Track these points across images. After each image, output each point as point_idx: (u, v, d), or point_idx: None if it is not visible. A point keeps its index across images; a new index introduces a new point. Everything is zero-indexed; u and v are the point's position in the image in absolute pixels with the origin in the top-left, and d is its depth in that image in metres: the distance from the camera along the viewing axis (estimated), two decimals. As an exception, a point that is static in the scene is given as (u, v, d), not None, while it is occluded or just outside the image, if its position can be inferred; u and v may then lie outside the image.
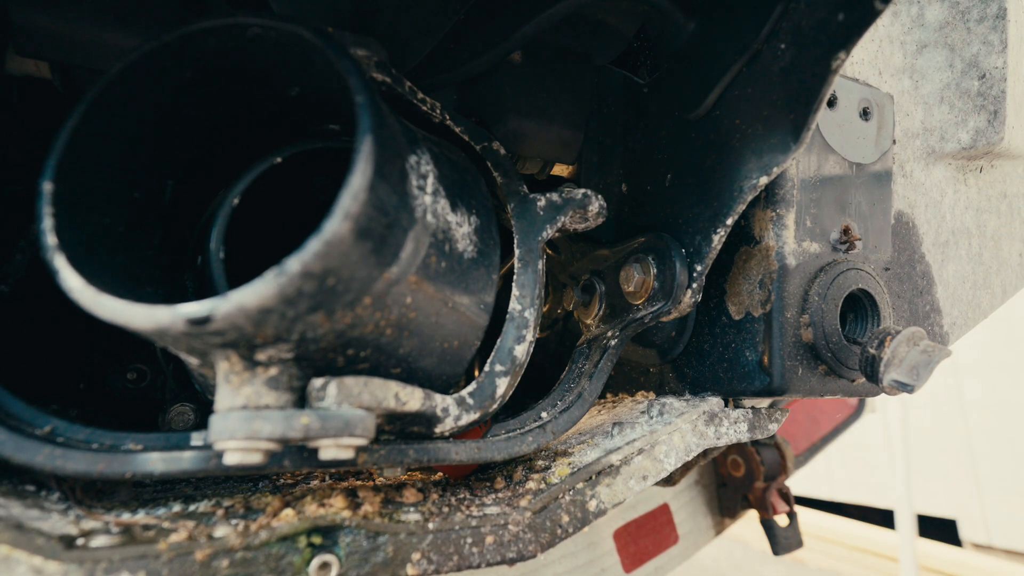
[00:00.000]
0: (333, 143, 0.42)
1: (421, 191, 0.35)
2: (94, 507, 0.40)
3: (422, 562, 0.42)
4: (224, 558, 0.37)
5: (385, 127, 0.30)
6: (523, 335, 0.43)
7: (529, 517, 0.47)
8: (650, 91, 0.57)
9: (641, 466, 0.55)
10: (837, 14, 0.38)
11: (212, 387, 0.39)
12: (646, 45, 0.65)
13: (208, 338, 0.28)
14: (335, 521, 0.41)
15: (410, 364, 0.38)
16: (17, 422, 0.36)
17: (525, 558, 0.45)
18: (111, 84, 0.32)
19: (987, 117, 0.66)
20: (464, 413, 0.41)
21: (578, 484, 0.52)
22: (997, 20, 0.65)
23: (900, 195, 0.62)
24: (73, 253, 0.29)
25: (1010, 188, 0.76)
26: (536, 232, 0.46)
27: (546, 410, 0.51)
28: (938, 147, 0.65)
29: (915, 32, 0.65)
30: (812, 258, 0.53)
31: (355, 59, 0.31)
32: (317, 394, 0.32)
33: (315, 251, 0.26)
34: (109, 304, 0.27)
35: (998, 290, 0.74)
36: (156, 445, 0.37)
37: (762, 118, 0.46)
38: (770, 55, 0.43)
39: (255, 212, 0.44)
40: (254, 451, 0.30)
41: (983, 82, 0.66)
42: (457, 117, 0.47)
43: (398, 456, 0.40)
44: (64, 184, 0.30)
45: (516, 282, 0.44)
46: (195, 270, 0.40)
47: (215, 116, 0.39)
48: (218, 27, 0.32)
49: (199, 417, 0.48)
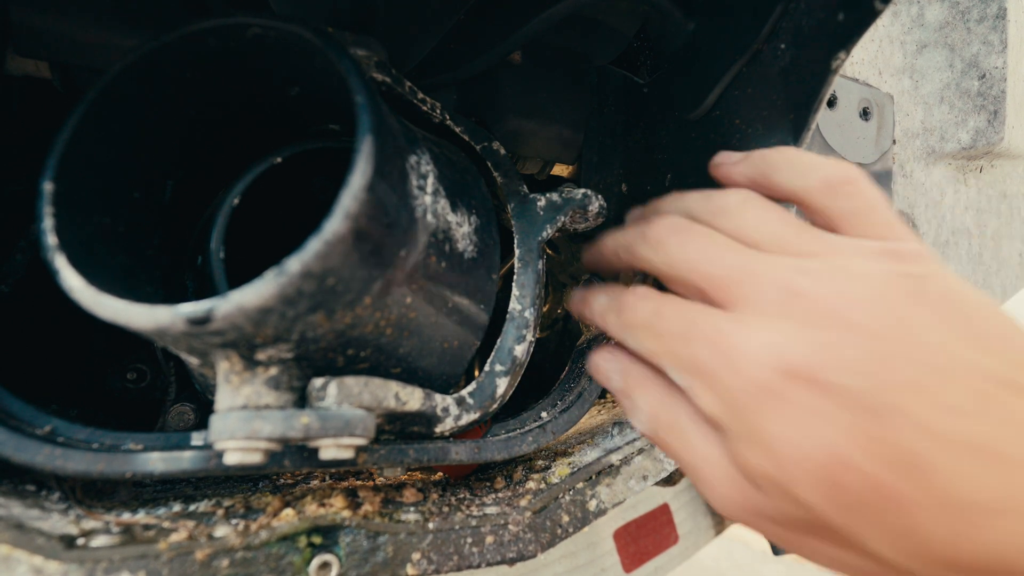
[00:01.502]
0: (333, 143, 0.42)
1: (421, 191, 0.35)
2: (94, 507, 0.40)
3: (422, 562, 0.42)
4: (224, 558, 0.37)
5: (385, 127, 0.30)
6: (523, 335, 0.43)
7: (529, 517, 0.47)
8: (650, 91, 0.57)
9: (641, 466, 0.55)
10: (837, 14, 0.38)
11: (212, 387, 0.39)
12: (646, 45, 0.65)
13: (208, 338, 0.28)
14: (335, 521, 0.41)
15: (410, 364, 0.38)
16: (17, 422, 0.36)
17: (525, 558, 0.45)
18: (111, 84, 0.32)
19: (987, 117, 0.66)
20: (464, 413, 0.41)
21: (578, 484, 0.52)
22: (997, 20, 0.65)
23: (900, 195, 0.62)
24: (73, 253, 0.29)
25: (1010, 188, 0.76)
26: (536, 232, 0.46)
27: (546, 410, 0.51)
28: (938, 147, 0.66)
29: (915, 32, 0.65)
30: (812, 258, 0.53)
31: (355, 59, 0.31)
32: (317, 394, 0.32)
33: (315, 251, 0.26)
34: (110, 304, 0.27)
35: (998, 290, 0.74)
36: (156, 445, 0.37)
37: (762, 118, 0.46)
38: (770, 55, 0.43)
39: (255, 212, 0.44)
40: (254, 451, 0.30)
41: (983, 82, 0.66)
42: (457, 117, 0.47)
43: (398, 456, 0.40)
44: (65, 184, 0.30)
45: (516, 282, 0.44)
46: (195, 270, 0.41)
47: (215, 116, 0.39)
48: (218, 27, 0.32)
49: (199, 417, 0.48)
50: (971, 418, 0.26)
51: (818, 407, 0.28)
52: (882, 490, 0.27)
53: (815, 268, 0.30)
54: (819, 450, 0.27)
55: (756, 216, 0.33)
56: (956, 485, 0.25)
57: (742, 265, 0.31)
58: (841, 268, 0.30)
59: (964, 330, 0.28)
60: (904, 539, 0.27)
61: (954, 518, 0.26)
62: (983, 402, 0.26)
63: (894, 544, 0.27)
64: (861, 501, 0.27)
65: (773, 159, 0.36)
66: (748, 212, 0.34)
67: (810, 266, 0.30)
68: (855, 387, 0.27)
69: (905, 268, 0.30)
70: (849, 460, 0.27)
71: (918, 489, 0.26)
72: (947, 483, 0.26)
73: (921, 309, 0.29)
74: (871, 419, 0.27)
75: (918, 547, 0.27)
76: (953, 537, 0.26)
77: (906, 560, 0.27)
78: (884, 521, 0.27)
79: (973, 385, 0.27)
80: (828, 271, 0.30)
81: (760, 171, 0.37)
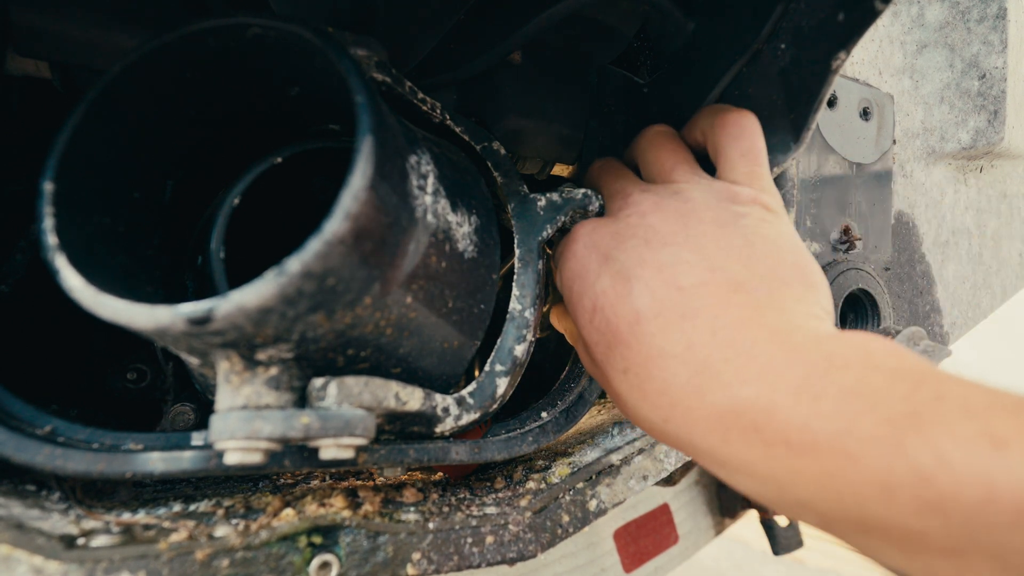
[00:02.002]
0: (333, 143, 0.42)
1: (421, 191, 0.35)
2: (94, 507, 0.40)
3: (422, 562, 0.42)
4: (224, 558, 0.37)
5: (385, 127, 0.30)
6: (523, 335, 0.43)
7: (529, 517, 0.47)
8: (650, 91, 0.57)
9: (641, 466, 0.55)
10: (837, 14, 0.38)
11: (212, 387, 0.39)
12: (646, 45, 0.65)
13: (208, 338, 0.28)
14: (335, 521, 0.41)
15: (410, 364, 0.38)
16: (18, 422, 0.36)
17: (525, 558, 0.45)
18: (112, 84, 0.32)
19: (987, 117, 0.66)
20: (464, 413, 0.41)
21: (578, 484, 0.52)
22: (997, 20, 0.65)
23: (900, 195, 0.62)
24: (74, 253, 0.29)
25: (1010, 188, 0.76)
26: (536, 232, 0.45)
27: (546, 410, 0.51)
28: (938, 147, 0.65)
29: (915, 32, 0.65)
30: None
31: (355, 59, 0.31)
32: (317, 394, 0.32)
33: (315, 251, 0.26)
34: (110, 304, 0.27)
35: (998, 290, 0.74)
36: (156, 445, 0.37)
37: (762, 118, 0.46)
38: (770, 55, 0.43)
39: (255, 212, 0.44)
40: (254, 451, 0.30)
41: (983, 82, 0.66)
42: (457, 117, 0.47)
43: (398, 456, 0.40)
44: (65, 184, 0.30)
45: (516, 282, 0.44)
46: (195, 270, 0.41)
47: (215, 116, 0.39)
48: (218, 27, 0.32)
49: (199, 417, 0.48)
50: (687, 296, 0.35)
51: (597, 270, 0.39)
52: (618, 335, 0.37)
53: (659, 191, 0.42)
54: (588, 298, 0.39)
55: (652, 153, 0.46)
56: (656, 337, 0.35)
57: (620, 187, 0.45)
58: (676, 192, 0.41)
59: (736, 248, 0.37)
60: (629, 377, 0.36)
61: (652, 363, 0.35)
62: (704, 289, 0.35)
63: (627, 383, 0.36)
64: (608, 342, 0.37)
65: (695, 117, 0.46)
66: (648, 150, 0.46)
67: (657, 189, 0.42)
68: (623, 260, 0.38)
69: (729, 205, 0.39)
70: (602, 308, 0.38)
71: (633, 336, 0.36)
72: (651, 335, 0.35)
73: (709, 227, 0.38)
74: (622, 283, 0.37)
75: (636, 383, 0.36)
76: (649, 372, 0.35)
77: (634, 403, 0.37)
78: (618, 360, 0.37)
79: (705, 277, 0.35)
80: (667, 193, 0.41)
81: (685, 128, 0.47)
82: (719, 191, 0.40)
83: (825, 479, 0.27)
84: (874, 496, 0.26)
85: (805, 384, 0.29)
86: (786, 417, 0.28)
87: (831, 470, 0.27)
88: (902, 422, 0.25)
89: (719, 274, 0.35)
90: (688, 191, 0.40)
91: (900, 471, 0.25)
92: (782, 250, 0.37)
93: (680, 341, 0.34)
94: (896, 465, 0.25)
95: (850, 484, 0.26)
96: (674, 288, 0.35)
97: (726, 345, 0.32)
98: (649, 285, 0.36)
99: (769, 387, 0.30)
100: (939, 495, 0.24)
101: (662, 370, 0.34)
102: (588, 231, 0.42)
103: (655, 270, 0.36)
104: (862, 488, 0.26)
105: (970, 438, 0.24)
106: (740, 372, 0.31)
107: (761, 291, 0.35)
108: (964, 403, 0.25)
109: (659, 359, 0.34)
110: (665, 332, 0.34)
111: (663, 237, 0.38)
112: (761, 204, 0.39)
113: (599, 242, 0.40)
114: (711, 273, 0.35)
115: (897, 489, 0.25)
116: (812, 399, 0.28)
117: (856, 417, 0.27)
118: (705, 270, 0.35)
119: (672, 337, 0.34)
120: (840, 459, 0.26)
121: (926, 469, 0.24)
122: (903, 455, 0.25)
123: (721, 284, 0.35)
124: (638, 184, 0.44)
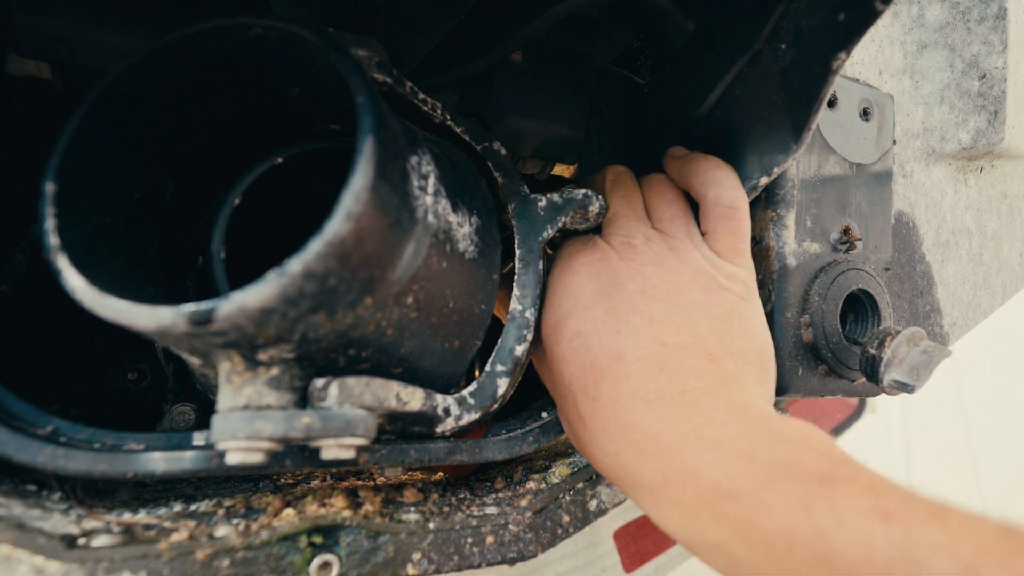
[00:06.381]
0: (334, 143, 0.42)
1: (422, 191, 0.35)
2: (95, 507, 0.40)
3: (423, 562, 0.42)
4: (225, 558, 0.37)
5: (386, 127, 0.30)
6: (524, 335, 0.43)
7: (529, 517, 0.47)
8: (650, 91, 0.57)
9: (641, 466, 0.55)
10: (838, 15, 0.38)
11: (214, 387, 0.39)
12: (646, 45, 0.65)
13: (210, 338, 0.28)
14: (336, 521, 0.41)
15: (411, 364, 0.39)
16: (19, 422, 0.36)
17: (526, 558, 0.45)
18: (113, 84, 0.32)
19: (987, 117, 0.66)
20: (465, 413, 0.41)
21: (578, 484, 0.52)
22: (997, 20, 0.65)
23: (900, 195, 0.62)
24: (75, 254, 0.29)
25: (1010, 188, 0.76)
26: (537, 232, 0.46)
27: (546, 410, 0.51)
28: (938, 147, 0.65)
29: (915, 32, 0.65)
30: (812, 258, 0.53)
31: (356, 59, 0.31)
32: (319, 394, 0.32)
33: (316, 252, 0.26)
34: (112, 304, 0.27)
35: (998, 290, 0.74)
36: (158, 445, 0.37)
37: (762, 118, 0.46)
38: (770, 55, 0.43)
39: (256, 212, 0.44)
40: (256, 451, 0.30)
41: (983, 82, 0.66)
42: (458, 117, 0.47)
43: (399, 456, 0.40)
44: (66, 184, 0.30)
45: (517, 282, 0.44)
46: (196, 270, 0.41)
47: (216, 116, 0.39)
48: (219, 28, 0.32)
49: (200, 417, 0.48)
50: (669, 352, 0.39)
51: (591, 300, 0.43)
52: (596, 364, 0.40)
53: (658, 244, 0.45)
54: (576, 320, 0.42)
55: (655, 200, 0.49)
56: (631, 379, 0.39)
57: (625, 222, 0.47)
58: (674, 249, 0.45)
59: (717, 319, 0.42)
60: (597, 408, 0.40)
61: (623, 400, 0.39)
62: (684, 352, 0.39)
63: (594, 412, 0.40)
64: (584, 366, 0.41)
65: (694, 166, 0.48)
66: (651, 196, 0.50)
67: (657, 242, 0.45)
68: (618, 301, 0.42)
69: (715, 275, 0.44)
70: (587, 335, 0.41)
71: (611, 371, 0.40)
72: (627, 376, 0.39)
73: (697, 295, 0.42)
74: (613, 321, 0.41)
75: (603, 415, 0.39)
76: (616, 408, 0.39)
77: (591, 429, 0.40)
78: (591, 387, 0.40)
79: (687, 341, 0.40)
80: (666, 248, 0.45)
81: (681, 172, 0.50)
82: (709, 259, 0.45)
83: (741, 525, 0.32)
84: (778, 544, 0.30)
85: (748, 449, 0.34)
86: (724, 470, 0.33)
87: (748, 517, 0.31)
88: (815, 487, 0.30)
89: (699, 343, 0.40)
90: (684, 251, 0.45)
91: (803, 526, 0.29)
92: (751, 332, 0.43)
93: (653, 390, 0.38)
94: (801, 520, 0.30)
95: (761, 532, 0.31)
96: (659, 342, 0.40)
97: (691, 404, 0.37)
98: (637, 332, 0.40)
99: (718, 447, 0.34)
100: (829, 550, 0.28)
101: (629, 410, 0.38)
102: (595, 260, 0.45)
103: (646, 321, 0.41)
104: (770, 536, 0.30)
105: (864, 509, 0.29)
106: (698, 430, 0.36)
107: (729, 366, 0.40)
108: (870, 484, 0.30)
109: (630, 399, 0.38)
110: (641, 377, 0.39)
111: (658, 294, 0.42)
112: (741, 281, 0.45)
113: (601, 274, 0.43)
114: (693, 339, 0.40)
115: (798, 541, 0.29)
116: (749, 460, 0.33)
117: (779, 477, 0.31)
118: (688, 335, 0.40)
119: (647, 384, 0.38)
120: (758, 509, 0.31)
121: (824, 527, 0.29)
122: (809, 513, 0.29)
123: (699, 352, 0.40)
124: (641, 226, 0.46)
